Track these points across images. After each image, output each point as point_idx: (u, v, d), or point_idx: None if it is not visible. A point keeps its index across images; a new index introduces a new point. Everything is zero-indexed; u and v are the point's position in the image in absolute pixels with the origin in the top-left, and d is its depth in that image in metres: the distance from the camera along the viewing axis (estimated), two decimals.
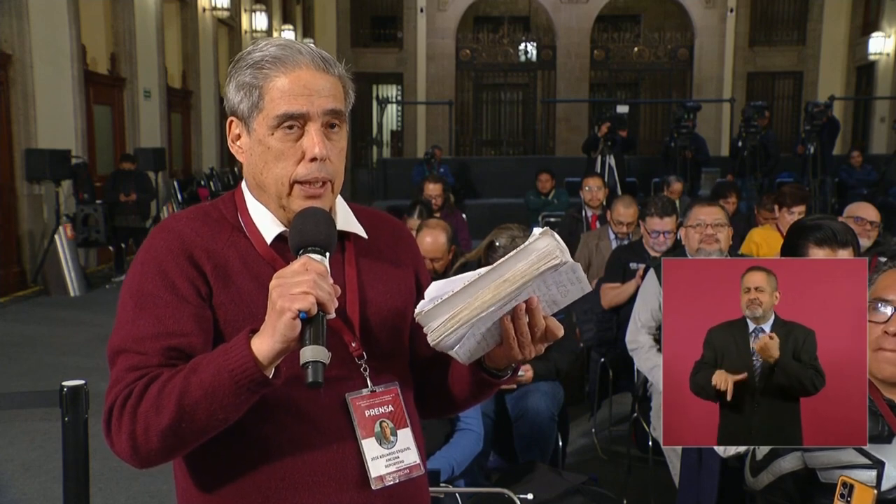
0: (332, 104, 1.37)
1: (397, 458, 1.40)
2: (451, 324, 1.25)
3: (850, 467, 1.94)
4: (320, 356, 1.19)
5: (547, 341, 1.33)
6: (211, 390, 1.23)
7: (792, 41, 19.94)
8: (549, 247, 1.22)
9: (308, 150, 1.35)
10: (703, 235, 3.62)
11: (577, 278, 1.29)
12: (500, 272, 1.23)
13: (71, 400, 2.19)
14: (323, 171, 1.36)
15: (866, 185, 12.19)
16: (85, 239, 9.38)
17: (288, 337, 1.20)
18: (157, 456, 1.28)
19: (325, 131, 1.37)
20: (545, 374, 3.54)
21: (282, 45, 1.38)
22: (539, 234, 1.23)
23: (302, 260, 1.24)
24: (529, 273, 1.22)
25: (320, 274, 1.22)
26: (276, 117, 1.34)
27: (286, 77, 1.35)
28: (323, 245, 1.29)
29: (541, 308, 1.30)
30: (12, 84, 8.86)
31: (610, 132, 10.49)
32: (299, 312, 1.18)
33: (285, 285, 1.20)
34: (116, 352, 1.33)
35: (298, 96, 1.34)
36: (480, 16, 21.82)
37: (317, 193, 1.37)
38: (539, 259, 1.22)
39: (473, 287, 1.24)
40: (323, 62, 1.38)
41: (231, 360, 1.22)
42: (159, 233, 1.41)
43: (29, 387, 5.60)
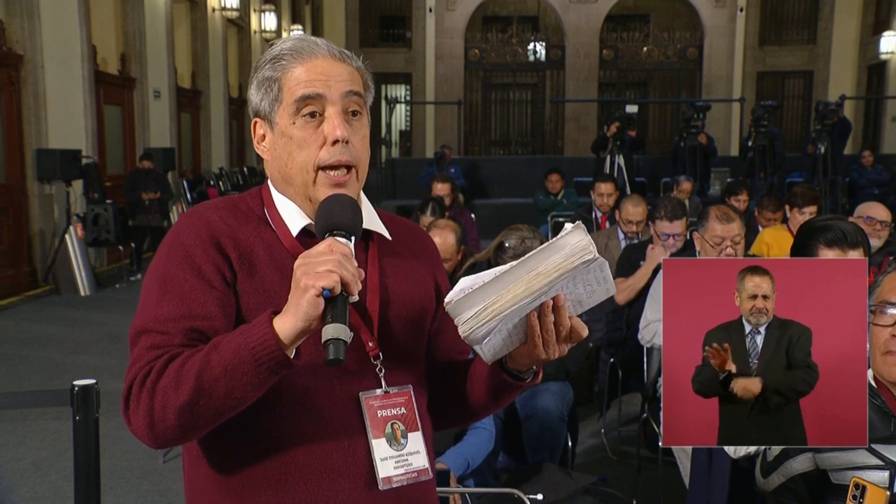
0: (351, 86, 1.38)
1: (406, 461, 1.40)
2: (483, 316, 1.23)
3: (862, 468, 1.93)
4: (342, 334, 1.19)
5: (571, 342, 1.33)
6: (231, 367, 1.23)
7: (802, 40, 19.86)
8: (582, 241, 1.21)
9: (329, 134, 1.36)
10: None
11: (604, 278, 1.28)
12: (532, 265, 1.22)
13: (82, 399, 2.20)
14: (346, 153, 1.37)
15: (877, 185, 12.12)
16: (95, 239, 9.43)
17: (311, 315, 1.19)
18: (173, 434, 1.28)
19: (347, 117, 1.38)
20: (554, 374, 3.54)
21: (299, 38, 1.41)
22: (571, 228, 1.22)
23: (327, 241, 1.24)
24: (564, 266, 1.21)
25: (345, 255, 1.22)
26: (295, 102, 1.36)
27: (303, 66, 1.37)
28: (349, 229, 1.30)
29: (567, 307, 1.29)
30: (23, 84, 8.91)
31: (619, 132, 10.47)
32: (323, 290, 1.18)
33: (310, 264, 1.20)
34: (139, 332, 1.33)
35: (315, 81, 1.36)
36: (489, 15, 21.82)
37: (342, 181, 1.37)
38: (573, 253, 1.21)
39: (506, 279, 1.22)
40: (340, 53, 1.40)
41: (252, 338, 1.22)
42: (187, 218, 1.41)
43: (40, 386, 5.62)
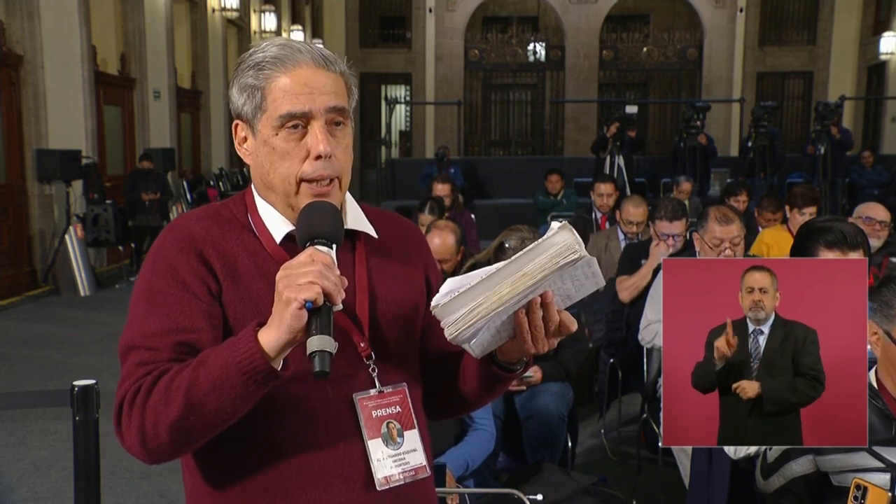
0: (335, 101, 1.37)
1: (403, 460, 1.40)
2: (469, 318, 1.24)
3: (863, 471, 1.92)
4: (327, 346, 1.19)
5: (560, 335, 1.33)
6: (219, 382, 1.23)
7: (802, 41, 19.85)
8: (568, 241, 1.21)
9: (312, 149, 1.35)
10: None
11: (593, 273, 1.28)
12: (517, 266, 1.22)
13: (81, 399, 2.20)
14: (328, 168, 1.36)
15: (877, 186, 12.11)
16: (95, 239, 9.43)
17: (294, 328, 1.20)
18: (166, 450, 1.29)
19: (330, 129, 1.37)
20: (554, 374, 3.54)
21: (282, 44, 1.39)
22: (557, 228, 1.22)
23: (308, 251, 1.24)
24: (549, 267, 1.21)
25: (326, 265, 1.22)
26: (280, 117, 1.35)
27: (287, 76, 1.35)
28: (329, 237, 1.29)
29: (555, 302, 1.29)
30: (23, 84, 8.91)
31: (619, 132, 10.47)
32: (305, 302, 1.18)
33: (291, 276, 1.20)
34: (127, 348, 1.34)
35: (300, 95, 1.34)
36: (489, 16, 21.80)
37: (324, 192, 1.37)
38: (558, 253, 1.21)
39: (491, 280, 1.23)
40: (323, 60, 1.38)
41: (238, 352, 1.23)
42: (170, 231, 1.41)
43: (40, 386, 5.63)
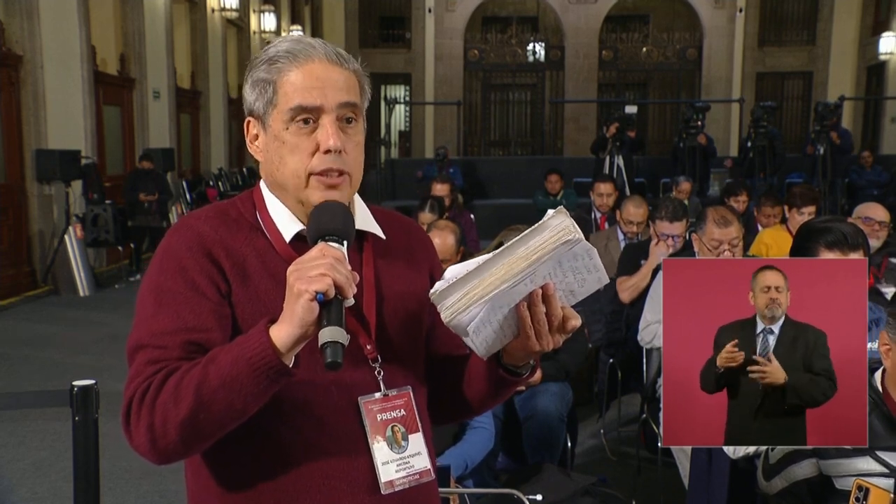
0: (347, 97, 1.36)
1: (408, 464, 1.39)
2: (465, 300, 1.23)
3: (866, 475, 1.92)
4: (339, 337, 1.17)
5: (565, 332, 1.31)
6: (229, 379, 1.21)
7: (801, 41, 19.86)
8: (563, 223, 1.21)
9: (322, 143, 1.34)
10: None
11: (594, 266, 1.27)
12: (513, 249, 1.22)
13: (81, 399, 2.20)
14: (338, 162, 1.34)
15: (876, 186, 12.11)
16: (94, 239, 9.43)
17: (306, 320, 1.18)
18: (176, 449, 1.27)
19: (341, 125, 1.36)
20: (554, 374, 3.54)
21: (295, 40, 1.38)
22: (553, 212, 1.22)
23: (319, 246, 1.23)
24: (543, 248, 1.20)
25: (337, 258, 1.21)
26: (290, 110, 1.33)
27: (299, 70, 1.34)
28: (341, 234, 1.28)
29: (557, 297, 1.29)
30: (23, 85, 8.91)
31: (618, 132, 10.48)
32: (316, 294, 1.17)
33: (302, 269, 1.19)
34: (136, 347, 1.32)
35: (312, 89, 1.33)
36: (489, 16, 21.81)
37: (335, 183, 1.35)
38: (553, 234, 1.20)
39: (488, 265, 1.22)
40: (337, 56, 1.37)
41: (249, 348, 1.21)
42: (177, 230, 1.40)
43: (39, 386, 5.62)
